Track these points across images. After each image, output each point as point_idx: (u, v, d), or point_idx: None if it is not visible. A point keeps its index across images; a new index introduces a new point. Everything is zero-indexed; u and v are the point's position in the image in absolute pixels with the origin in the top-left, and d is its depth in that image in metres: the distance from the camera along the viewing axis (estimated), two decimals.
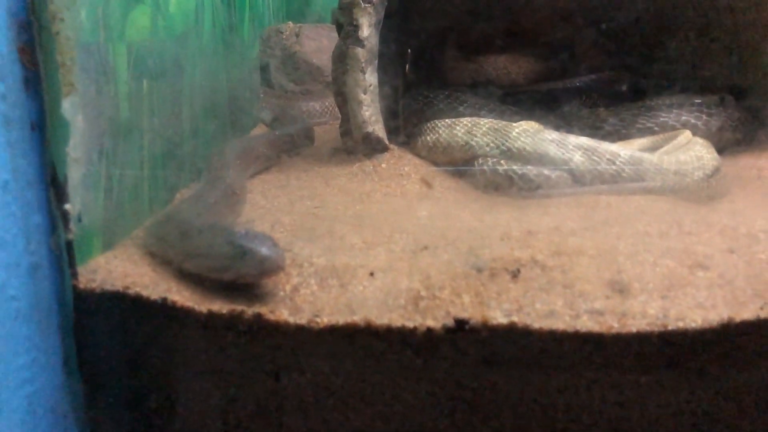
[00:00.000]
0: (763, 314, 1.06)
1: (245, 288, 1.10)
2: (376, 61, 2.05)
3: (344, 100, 2.06)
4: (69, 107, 0.98)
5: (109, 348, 1.07)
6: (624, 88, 2.73)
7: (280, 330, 1.06)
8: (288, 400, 1.08)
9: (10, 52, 0.90)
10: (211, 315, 1.05)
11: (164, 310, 1.05)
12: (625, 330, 1.06)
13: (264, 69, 3.43)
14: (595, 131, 2.26)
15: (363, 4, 1.99)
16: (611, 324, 1.07)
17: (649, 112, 2.27)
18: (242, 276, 1.06)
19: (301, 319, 1.06)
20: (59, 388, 1.02)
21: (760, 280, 1.17)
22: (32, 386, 0.96)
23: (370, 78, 2.02)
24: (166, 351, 1.08)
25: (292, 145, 2.20)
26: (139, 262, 1.17)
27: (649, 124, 2.25)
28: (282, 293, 1.13)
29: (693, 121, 2.24)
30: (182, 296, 1.07)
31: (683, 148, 2.05)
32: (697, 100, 2.34)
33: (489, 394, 1.09)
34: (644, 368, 1.07)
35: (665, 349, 1.07)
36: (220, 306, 1.06)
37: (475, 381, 1.09)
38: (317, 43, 3.50)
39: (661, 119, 2.25)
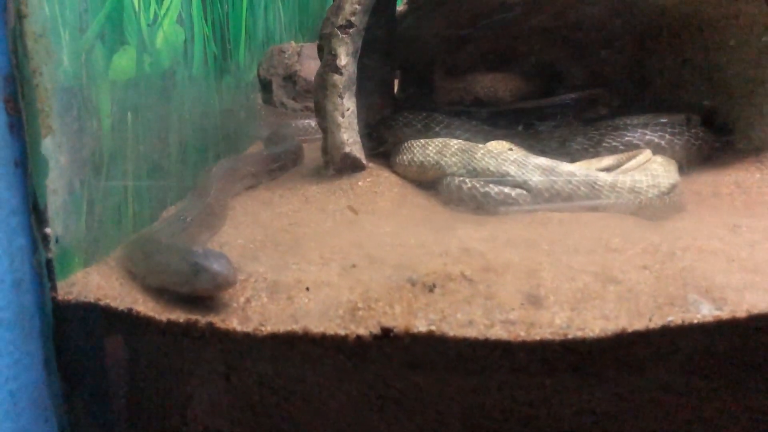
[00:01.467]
0: (651, 325, 1.20)
1: (202, 300, 1.26)
2: (354, 87, 2.21)
3: (324, 122, 2.23)
4: (48, 146, 1.16)
5: (84, 351, 1.24)
6: (601, 106, 2.86)
7: (229, 337, 1.23)
8: (238, 397, 1.25)
9: None
10: (170, 323, 1.22)
11: (129, 318, 1.22)
12: (530, 338, 1.21)
13: (266, 87, 3.60)
14: (564, 149, 2.41)
15: (340, 35, 2.15)
16: (519, 333, 1.22)
17: (615, 131, 2.40)
18: (197, 290, 1.23)
19: (248, 328, 1.23)
20: (40, 385, 1.20)
21: (663, 293, 1.30)
22: (15, 383, 1.14)
23: (348, 103, 2.19)
24: (132, 354, 1.25)
25: (279, 164, 2.37)
26: (112, 278, 1.35)
27: (614, 143, 2.38)
28: (235, 304, 1.29)
29: (656, 140, 2.36)
30: (146, 307, 1.24)
31: (642, 167, 2.18)
32: (662, 120, 2.46)
33: (414, 395, 1.25)
34: (549, 372, 1.22)
35: (567, 355, 1.21)
36: (178, 315, 1.23)
37: (400, 383, 1.24)
38: (317, 63, 3.67)
39: (626, 138, 2.37)
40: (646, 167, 2.17)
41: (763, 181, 2.19)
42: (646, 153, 2.26)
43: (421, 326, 1.23)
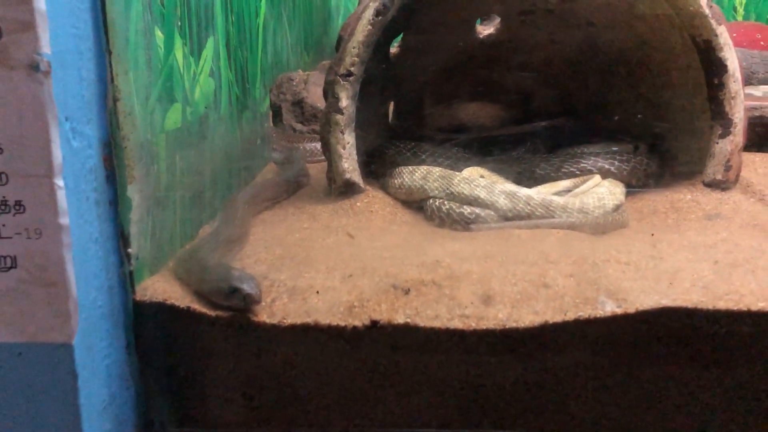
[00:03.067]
0: (566, 318, 1.66)
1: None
2: (353, 124, 2.67)
3: (328, 153, 2.69)
4: (131, 190, 1.63)
5: (154, 338, 1.71)
6: (566, 133, 3.32)
7: (260, 327, 1.69)
8: (266, 370, 1.71)
9: (99, 162, 1.54)
10: (218, 317, 1.69)
11: (188, 314, 1.69)
12: (479, 327, 1.67)
13: (276, 112, 4.06)
14: (529, 174, 2.87)
15: (342, 82, 2.61)
16: (471, 323, 1.68)
17: (572, 159, 2.86)
18: (232, 306, 1.68)
19: (274, 320, 1.69)
20: (124, 362, 1.66)
21: (581, 296, 1.76)
22: (109, 359, 1.60)
23: (348, 137, 2.64)
24: (190, 340, 1.71)
25: (290, 187, 2.84)
26: (172, 283, 1.82)
27: (572, 169, 2.83)
28: (264, 304, 1.75)
29: (607, 166, 2.82)
30: (200, 305, 1.71)
31: (591, 190, 2.64)
32: (614, 148, 2.93)
33: (395, 369, 1.71)
34: (492, 353, 1.68)
35: (505, 340, 1.67)
36: (224, 312, 1.70)
37: (385, 360, 1.70)
38: (321, 89, 4.13)
39: (581, 164, 2.83)
40: (594, 190, 2.63)
41: (693, 201, 2.64)
42: (596, 178, 2.72)
43: (400, 319, 1.68)
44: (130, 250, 1.64)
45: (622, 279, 1.83)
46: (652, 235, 2.25)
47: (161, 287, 1.78)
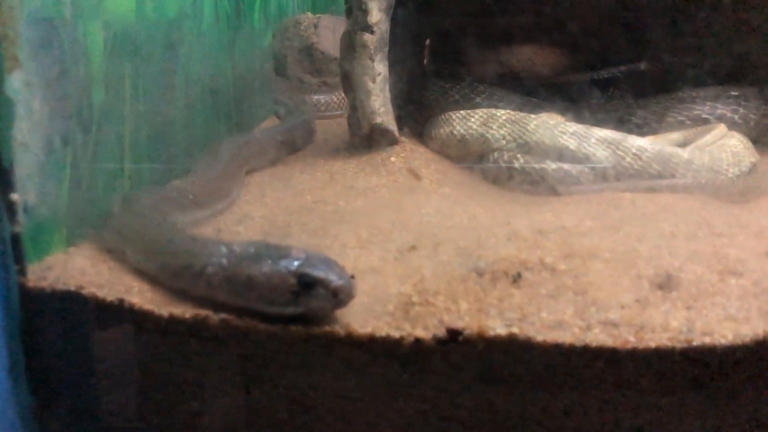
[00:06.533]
0: None
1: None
2: (386, 49, 1.93)
3: (352, 90, 1.95)
4: (15, 85, 0.88)
5: (61, 354, 0.97)
6: (653, 79, 2.57)
7: (251, 337, 0.95)
8: (268, 414, 0.97)
9: None
10: (180, 321, 0.94)
11: (122, 312, 0.94)
12: (642, 346, 0.93)
13: (281, 60, 3.34)
14: (622, 124, 2.12)
15: None
16: (625, 336, 0.93)
17: (681, 105, 2.12)
18: (304, 311, 0.97)
19: (274, 326, 0.95)
20: (3, 397, 0.92)
21: None
22: None
23: (380, 66, 1.91)
24: (129, 360, 0.97)
25: (293, 142, 2.10)
26: (100, 261, 1.07)
27: (681, 118, 2.10)
28: None
29: (729, 114, 2.08)
30: (142, 298, 0.96)
31: (717, 143, 1.89)
32: (733, 92, 2.18)
33: (489, 415, 0.97)
34: (668, 389, 0.94)
35: (690, 367, 0.93)
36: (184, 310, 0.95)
37: (472, 401, 0.96)
38: (336, 35, 3.40)
39: (694, 111, 2.10)
40: (723, 144, 1.88)
41: None
42: (721, 128, 1.97)
43: (497, 327, 0.94)
44: (13, 195, 0.90)
45: None
46: None
47: (78, 266, 1.03)
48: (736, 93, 2.18)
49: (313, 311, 0.96)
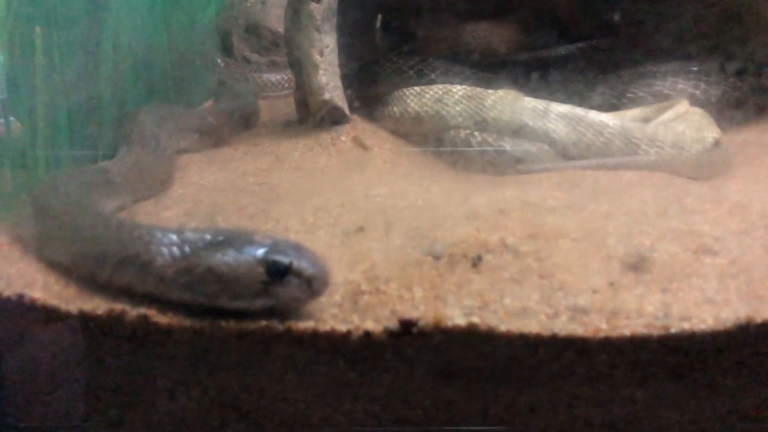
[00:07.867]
0: None
1: None
2: (335, 20, 1.80)
3: (298, 64, 1.82)
4: None
5: None
6: (612, 56, 2.50)
7: (174, 335, 0.82)
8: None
9: None
10: (97, 316, 0.81)
11: (20, 309, 0.81)
12: (614, 334, 0.83)
13: (226, 38, 3.18)
14: (583, 101, 2.03)
15: None
16: (596, 324, 0.84)
17: (641, 80, 2.04)
18: (275, 302, 0.86)
19: (201, 322, 0.83)
20: None
21: None
22: None
23: (327, 38, 1.78)
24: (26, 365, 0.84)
25: (232, 122, 1.97)
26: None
27: (641, 93, 2.02)
28: None
29: (690, 89, 2.01)
30: (47, 293, 0.83)
31: (680, 119, 1.82)
32: (694, 67, 2.11)
33: (447, 417, 0.86)
34: (643, 381, 0.85)
35: (667, 356, 0.84)
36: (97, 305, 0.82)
37: (428, 399, 0.86)
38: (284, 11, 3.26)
39: (655, 87, 2.02)
40: (686, 119, 1.81)
41: None
42: (683, 103, 1.90)
43: (456, 317, 0.84)
44: None
45: None
46: None
47: None
48: (697, 68, 2.11)
49: (284, 303, 0.86)
